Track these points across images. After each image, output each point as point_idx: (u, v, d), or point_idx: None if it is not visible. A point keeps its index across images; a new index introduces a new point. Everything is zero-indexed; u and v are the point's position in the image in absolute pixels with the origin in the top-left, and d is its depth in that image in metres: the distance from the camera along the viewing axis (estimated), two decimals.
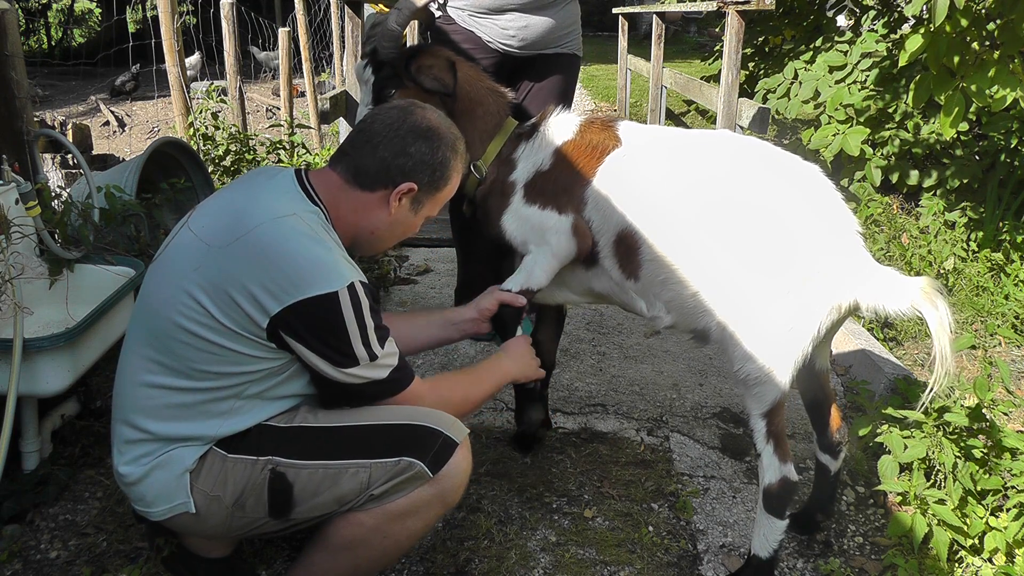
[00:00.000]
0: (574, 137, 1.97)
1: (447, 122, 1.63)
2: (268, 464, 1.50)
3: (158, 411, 1.50)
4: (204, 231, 1.48)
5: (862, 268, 1.62)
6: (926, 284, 1.55)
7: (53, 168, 3.84)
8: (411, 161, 1.55)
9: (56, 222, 2.37)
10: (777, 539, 1.76)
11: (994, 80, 3.04)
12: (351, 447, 1.49)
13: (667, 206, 1.79)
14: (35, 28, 16.51)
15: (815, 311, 1.63)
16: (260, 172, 1.62)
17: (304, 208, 1.50)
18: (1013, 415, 2.67)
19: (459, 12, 2.67)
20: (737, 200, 1.71)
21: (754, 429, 1.75)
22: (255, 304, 1.40)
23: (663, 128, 2.04)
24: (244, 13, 5.38)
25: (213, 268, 1.42)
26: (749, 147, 1.81)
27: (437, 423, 1.53)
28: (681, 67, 9.99)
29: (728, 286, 1.70)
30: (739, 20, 4.64)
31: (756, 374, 1.68)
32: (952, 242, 4.26)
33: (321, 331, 1.44)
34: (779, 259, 1.64)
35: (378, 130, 1.56)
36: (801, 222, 1.65)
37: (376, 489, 1.48)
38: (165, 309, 1.46)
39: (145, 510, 1.54)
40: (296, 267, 1.41)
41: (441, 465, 1.49)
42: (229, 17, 4.65)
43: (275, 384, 1.52)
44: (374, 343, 1.48)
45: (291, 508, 1.50)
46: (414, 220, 1.65)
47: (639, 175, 1.86)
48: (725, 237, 1.69)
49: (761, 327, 1.67)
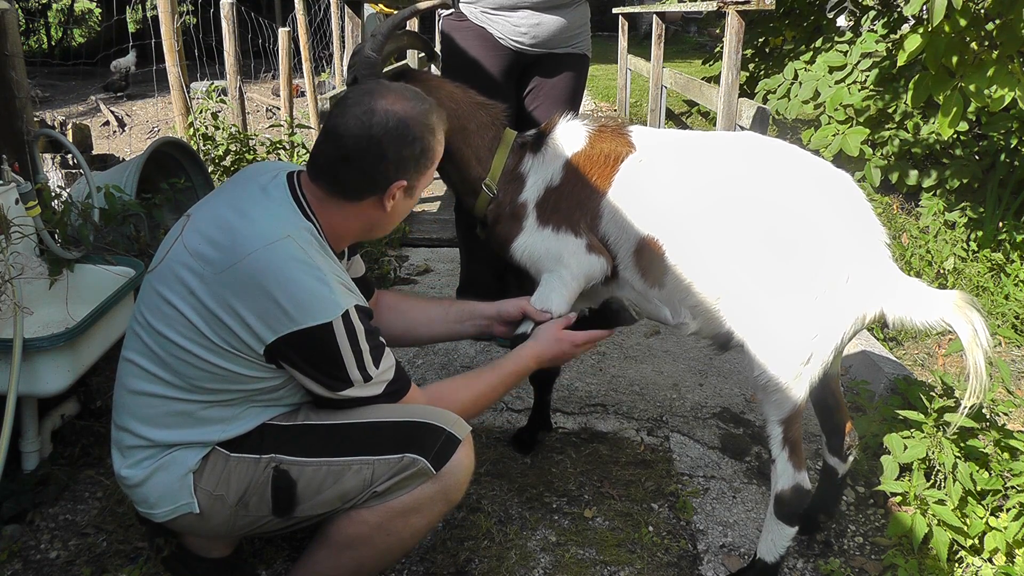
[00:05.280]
0: (585, 147, 1.90)
1: (411, 99, 1.51)
2: (271, 462, 1.50)
3: (158, 418, 1.50)
4: (198, 251, 1.44)
5: (889, 278, 1.59)
6: (958, 298, 1.52)
7: (53, 168, 3.84)
8: (392, 165, 1.50)
9: (56, 222, 2.37)
10: (785, 545, 1.75)
11: (992, 80, 3.04)
12: (354, 444, 1.50)
13: (690, 210, 1.74)
14: (35, 28, 16.51)
15: (840, 320, 1.60)
16: (253, 177, 1.56)
17: (297, 225, 1.47)
18: (1013, 415, 2.67)
19: (471, 8, 2.68)
20: (764, 203, 1.66)
21: (770, 435, 1.72)
22: (250, 333, 1.41)
23: (679, 131, 1.98)
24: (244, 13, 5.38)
25: (207, 294, 1.41)
26: (774, 149, 1.76)
27: (440, 420, 1.53)
28: (681, 67, 10.00)
29: (753, 291, 1.66)
30: (739, 20, 4.64)
31: (777, 381, 1.65)
32: (952, 242, 4.26)
33: (316, 359, 1.45)
34: (806, 266, 1.60)
35: (348, 143, 1.47)
36: (829, 229, 1.61)
37: (379, 486, 1.48)
38: (163, 327, 1.45)
39: (148, 512, 1.54)
40: (290, 298, 1.39)
41: (444, 462, 1.49)
42: (229, 17, 4.65)
43: (277, 396, 1.54)
44: (369, 365, 1.48)
45: (294, 506, 1.50)
46: (411, 202, 1.61)
47: (658, 180, 1.80)
48: (751, 241, 1.65)
49: (785, 334, 1.63)
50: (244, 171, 1.63)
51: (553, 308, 1.89)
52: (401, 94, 1.52)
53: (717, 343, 1.79)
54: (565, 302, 1.90)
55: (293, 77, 5.85)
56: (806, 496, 1.72)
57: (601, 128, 1.93)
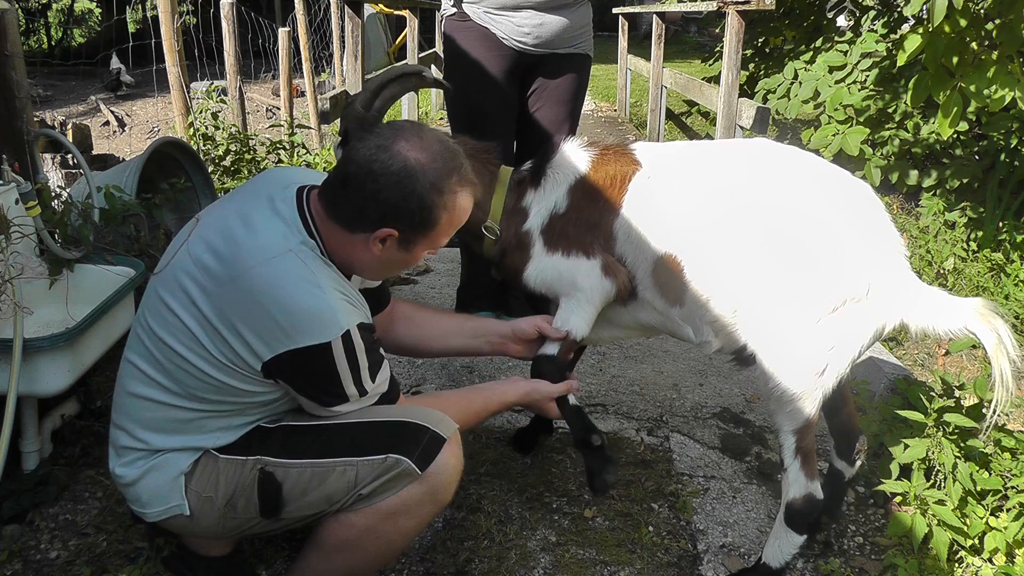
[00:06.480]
0: (590, 171, 1.86)
1: (434, 154, 1.42)
2: (257, 464, 1.50)
3: (156, 423, 1.50)
4: (200, 260, 1.43)
5: (910, 288, 1.57)
6: (981, 306, 1.50)
7: (53, 168, 3.84)
8: (382, 207, 1.41)
9: (56, 222, 2.37)
10: (792, 552, 1.75)
11: (992, 80, 3.04)
12: (338, 445, 1.49)
13: (705, 222, 1.69)
14: (35, 28, 16.50)
15: (859, 331, 1.58)
16: (265, 187, 1.52)
17: (299, 240, 1.43)
18: (1013, 415, 2.67)
19: (474, 8, 2.68)
20: (782, 212, 1.63)
21: (783, 444, 1.70)
22: (248, 349, 1.40)
23: (683, 143, 1.92)
24: (244, 13, 5.38)
25: (208, 306, 1.41)
26: (789, 157, 1.72)
27: (424, 419, 1.51)
28: (681, 67, 10.00)
29: (772, 303, 1.62)
30: (739, 20, 4.65)
31: (793, 392, 1.63)
32: (952, 242, 4.26)
33: (312, 377, 1.44)
34: (826, 276, 1.58)
35: (352, 170, 1.42)
36: (850, 239, 1.58)
37: (364, 488, 1.47)
38: (164, 333, 1.45)
39: (141, 511, 1.55)
40: (289, 316, 1.38)
41: (429, 462, 1.47)
42: (229, 17, 4.64)
43: (274, 407, 1.55)
44: (366, 380, 1.47)
45: (281, 508, 1.50)
46: (408, 257, 1.52)
47: (670, 195, 1.75)
48: (769, 252, 1.62)
49: (803, 345, 1.60)
50: (259, 178, 1.61)
51: (574, 330, 1.85)
52: (427, 145, 1.43)
53: (740, 359, 1.74)
54: (586, 323, 1.85)
55: (293, 77, 5.85)
56: (818, 505, 1.71)
57: (603, 151, 1.88)
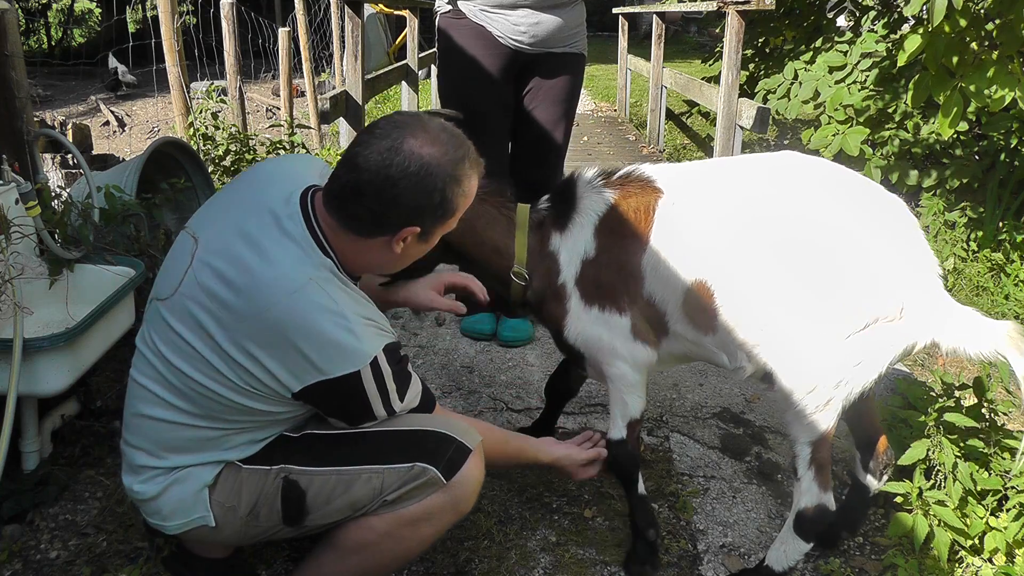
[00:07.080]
0: (613, 207, 1.79)
1: (445, 144, 1.40)
2: (281, 472, 1.49)
3: (177, 443, 1.48)
4: (212, 290, 1.38)
5: (942, 307, 1.55)
6: (1012, 329, 1.49)
7: (53, 168, 3.83)
8: (405, 210, 1.39)
9: (56, 222, 2.37)
10: (796, 559, 1.75)
11: (992, 80, 3.03)
12: (363, 453, 1.49)
13: (734, 242, 1.65)
14: (35, 28, 16.50)
15: (889, 349, 1.56)
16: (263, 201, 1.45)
17: (316, 264, 1.40)
18: (1013, 415, 2.67)
19: (469, 6, 2.68)
20: (814, 227, 1.59)
21: (798, 454, 1.69)
22: (275, 380, 1.39)
23: (703, 162, 1.86)
24: (244, 13, 5.37)
25: (226, 339, 1.37)
26: (821, 171, 1.69)
27: (450, 429, 1.52)
28: (681, 67, 10.00)
29: (800, 318, 1.59)
30: (739, 20, 4.65)
31: (814, 407, 1.62)
32: (952, 242, 4.26)
33: (342, 403, 1.46)
34: (858, 293, 1.55)
35: (366, 178, 1.36)
36: (883, 257, 1.56)
37: (390, 495, 1.47)
38: (179, 361, 1.42)
39: (160, 524, 1.53)
40: (317, 350, 1.36)
41: (455, 471, 1.48)
42: (229, 17, 4.64)
43: (301, 421, 1.56)
44: (394, 402, 1.47)
45: (304, 515, 1.50)
46: (426, 246, 1.52)
47: (696, 221, 1.70)
48: (800, 268, 1.59)
49: (830, 362, 1.58)
50: (252, 181, 1.54)
51: (635, 412, 1.84)
52: (436, 136, 1.40)
53: (769, 381, 1.70)
54: (641, 399, 1.84)
55: (293, 77, 5.84)
56: (829, 517, 1.71)
57: (624, 184, 1.81)
